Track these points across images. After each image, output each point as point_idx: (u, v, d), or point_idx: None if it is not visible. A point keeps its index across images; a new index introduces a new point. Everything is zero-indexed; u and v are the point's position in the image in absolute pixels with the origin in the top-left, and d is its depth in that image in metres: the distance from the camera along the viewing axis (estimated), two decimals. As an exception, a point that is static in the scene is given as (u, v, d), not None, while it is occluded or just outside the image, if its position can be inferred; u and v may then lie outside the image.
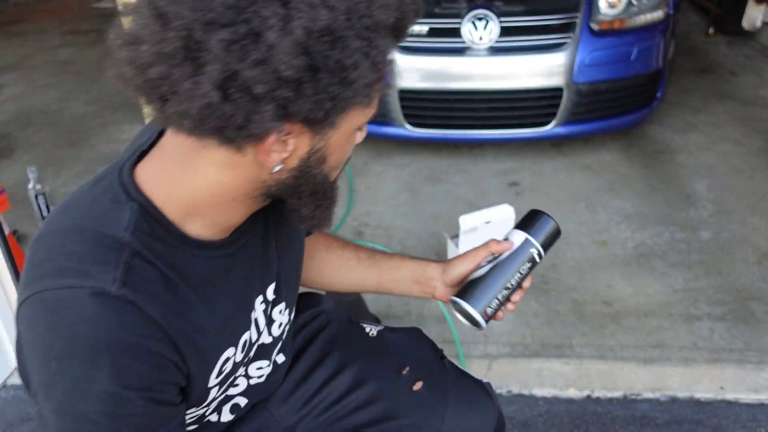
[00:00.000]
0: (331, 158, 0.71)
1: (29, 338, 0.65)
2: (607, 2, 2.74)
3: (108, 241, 0.65)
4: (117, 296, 0.63)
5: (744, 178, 2.77)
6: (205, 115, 0.58)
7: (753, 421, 1.67)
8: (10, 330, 1.89)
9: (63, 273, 0.64)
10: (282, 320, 0.95)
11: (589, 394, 1.77)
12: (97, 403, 0.63)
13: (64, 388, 0.63)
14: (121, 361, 0.63)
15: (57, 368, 0.63)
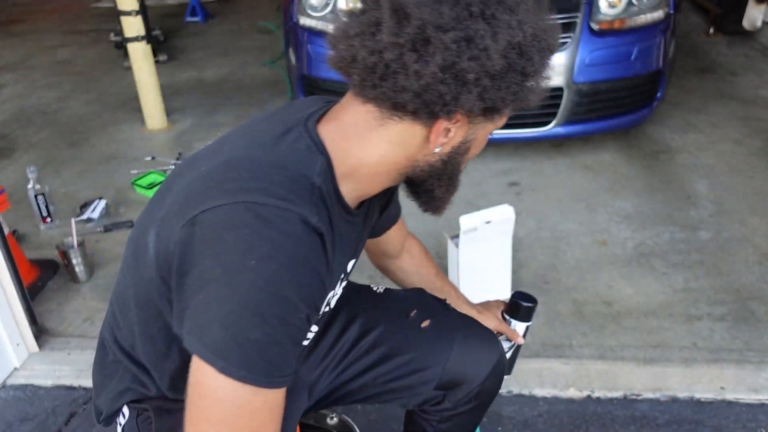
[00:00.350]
0: (472, 151, 0.89)
1: (225, 236, 0.74)
2: (608, 2, 2.74)
3: (305, 182, 0.79)
4: (315, 227, 0.77)
5: (744, 178, 2.77)
6: (423, 90, 0.75)
7: (753, 422, 1.67)
8: (9, 330, 1.89)
9: (273, 195, 0.76)
10: (338, 295, 1.06)
11: (589, 394, 1.77)
12: (277, 305, 0.73)
13: (254, 284, 0.72)
14: (307, 278, 0.75)
15: (255, 267, 0.72)
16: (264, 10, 5.80)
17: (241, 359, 0.71)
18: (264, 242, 0.73)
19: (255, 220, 0.73)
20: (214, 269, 0.73)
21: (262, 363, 0.73)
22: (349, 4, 2.81)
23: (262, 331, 0.72)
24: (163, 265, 0.81)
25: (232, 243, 0.73)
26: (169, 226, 0.80)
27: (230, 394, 0.72)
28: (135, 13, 3.25)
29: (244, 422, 0.74)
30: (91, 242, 2.48)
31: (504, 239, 1.99)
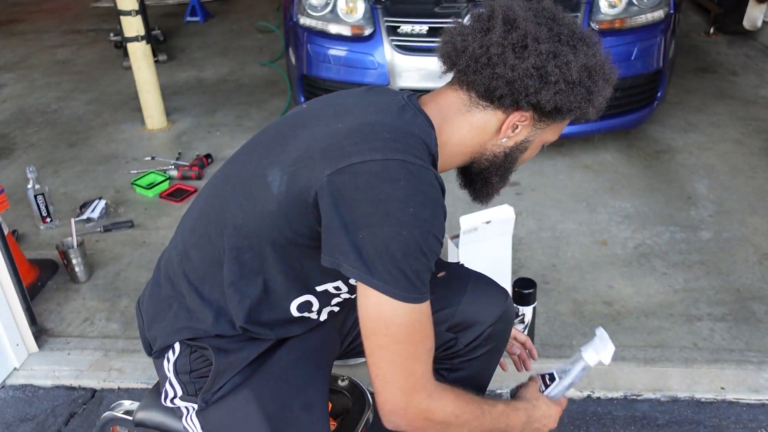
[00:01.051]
0: (528, 153, 1.08)
1: (385, 187, 0.90)
2: (608, 2, 2.73)
3: (426, 149, 0.97)
4: (441, 181, 0.96)
5: (744, 178, 2.77)
6: (514, 80, 0.95)
7: (754, 422, 1.67)
8: (9, 330, 1.89)
9: (415, 155, 0.93)
10: None
11: (590, 394, 1.77)
12: (432, 241, 0.91)
13: (415, 226, 0.89)
14: (442, 220, 0.94)
15: (413, 212, 0.89)
16: (264, 10, 5.80)
17: (409, 285, 0.89)
18: (418, 193, 0.90)
19: (408, 175, 0.91)
20: (377, 213, 0.88)
21: (422, 285, 0.91)
22: (348, 5, 2.81)
23: (421, 262, 0.90)
24: (295, 202, 0.94)
25: (392, 192, 0.89)
26: (310, 170, 0.93)
27: (407, 316, 0.90)
28: (135, 13, 3.25)
29: (420, 335, 0.93)
30: (91, 242, 2.48)
31: (504, 239, 1.99)
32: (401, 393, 0.94)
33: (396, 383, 0.94)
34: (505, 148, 1.05)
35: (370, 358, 0.93)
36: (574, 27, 0.99)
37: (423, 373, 0.95)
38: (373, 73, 2.77)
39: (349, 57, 2.80)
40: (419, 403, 0.94)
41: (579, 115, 1.03)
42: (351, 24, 2.80)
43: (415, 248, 0.89)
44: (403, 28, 2.75)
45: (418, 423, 0.96)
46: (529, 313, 1.80)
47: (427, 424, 0.96)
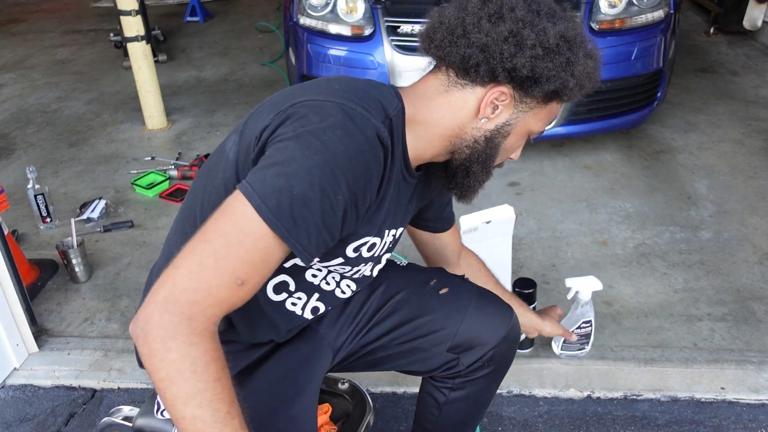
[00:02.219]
0: (510, 141, 1.00)
1: (312, 116, 0.86)
2: (608, 1, 2.73)
3: (381, 108, 0.92)
4: (383, 140, 0.89)
5: (745, 178, 2.77)
6: (489, 44, 0.91)
7: (754, 422, 1.67)
8: (9, 330, 1.89)
9: (359, 104, 0.89)
10: (381, 267, 1.16)
11: (590, 394, 1.77)
12: (327, 178, 0.82)
13: (318, 153, 0.83)
14: (361, 171, 0.86)
15: (326, 141, 0.83)
16: (264, 10, 5.80)
17: (276, 205, 0.81)
18: (342, 130, 0.85)
19: (340, 113, 0.87)
20: (291, 135, 0.85)
21: (290, 217, 0.81)
22: (348, 5, 2.81)
23: (303, 191, 0.81)
24: (245, 158, 0.91)
25: (316, 122, 0.85)
26: (257, 122, 0.92)
27: (246, 224, 0.81)
28: (135, 13, 3.25)
29: (241, 251, 0.81)
30: (91, 242, 2.48)
31: (504, 239, 1.99)
32: (171, 294, 0.78)
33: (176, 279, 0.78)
34: (486, 131, 0.99)
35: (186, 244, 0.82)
36: (552, 5, 0.96)
37: (213, 295, 0.79)
38: (373, 73, 2.77)
39: (349, 57, 2.80)
40: (171, 319, 0.76)
41: (560, 87, 0.95)
42: (351, 24, 2.80)
43: (305, 173, 0.82)
44: (403, 28, 2.75)
45: (149, 339, 0.76)
46: None
47: (155, 349, 0.76)
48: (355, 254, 1.02)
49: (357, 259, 1.04)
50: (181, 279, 0.78)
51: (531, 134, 1.03)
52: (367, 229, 0.99)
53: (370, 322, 1.22)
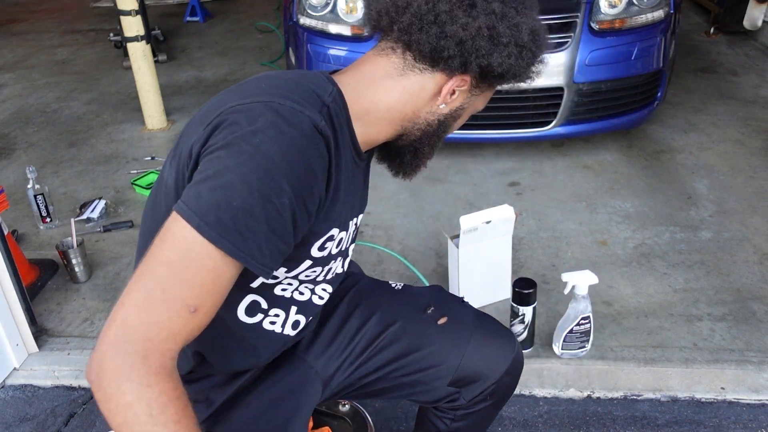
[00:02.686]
0: (458, 122, 1.00)
1: (240, 121, 0.81)
2: (608, 2, 2.73)
3: (316, 98, 0.87)
4: (321, 129, 0.84)
5: (745, 178, 2.77)
6: (466, 39, 0.88)
7: (754, 422, 1.67)
8: (9, 330, 1.89)
9: (289, 98, 0.84)
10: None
11: (590, 394, 1.77)
12: (266, 182, 0.78)
13: (251, 158, 0.78)
14: (301, 168, 0.81)
15: (257, 144, 0.79)
16: (264, 10, 5.80)
17: (216, 221, 0.76)
18: (273, 129, 0.80)
19: (270, 112, 0.82)
20: (221, 144, 0.81)
21: (234, 231, 0.76)
22: (348, 5, 2.81)
23: (243, 200, 0.76)
24: (181, 176, 0.87)
25: (246, 126, 0.80)
26: (188, 139, 0.87)
27: (189, 247, 0.76)
28: (134, 13, 3.24)
29: (187, 277, 0.75)
30: (91, 242, 2.48)
31: (504, 239, 1.99)
32: (121, 333, 0.72)
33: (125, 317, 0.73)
34: (440, 115, 0.96)
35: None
36: None
37: (166, 328, 0.73)
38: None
39: (349, 57, 2.80)
40: (125, 360, 0.71)
41: (518, 80, 0.96)
42: (351, 24, 2.80)
43: (241, 182, 0.77)
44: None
45: (103, 384, 0.71)
46: (529, 313, 1.80)
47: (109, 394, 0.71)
48: (322, 253, 0.97)
49: (326, 258, 0.99)
50: (129, 316, 0.73)
51: (476, 111, 1.02)
52: (327, 225, 0.94)
53: (365, 353, 1.17)
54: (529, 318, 1.81)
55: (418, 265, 2.27)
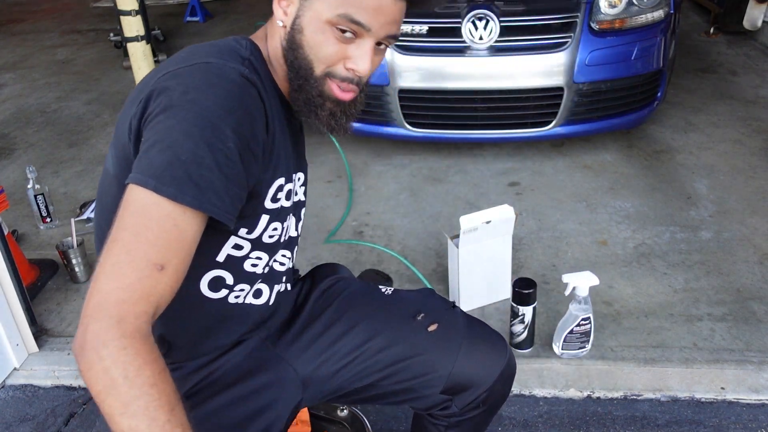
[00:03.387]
0: (308, 36, 0.92)
1: (172, 84, 0.84)
2: (608, 2, 2.73)
3: (234, 54, 0.91)
4: (249, 78, 0.88)
5: (745, 178, 2.77)
6: None
7: (754, 422, 1.67)
8: (9, 330, 1.89)
9: (213, 57, 0.88)
10: (301, 224, 1.14)
11: (590, 394, 1.77)
12: (208, 130, 0.81)
13: (189, 112, 0.81)
14: (239, 112, 0.84)
15: (193, 98, 0.82)
16: (264, 10, 5.79)
17: (171, 177, 0.78)
18: (204, 82, 0.84)
19: (198, 72, 0.85)
20: (159, 110, 0.83)
21: (190, 183, 0.79)
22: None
23: (191, 153, 0.79)
24: (123, 158, 0.90)
25: (178, 88, 0.84)
26: (123, 122, 0.90)
27: (149, 209, 0.78)
28: (135, 13, 3.24)
29: (150, 236, 0.77)
30: (91, 242, 2.48)
31: (504, 239, 1.99)
32: (97, 302, 0.74)
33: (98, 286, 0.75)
34: (286, 35, 0.94)
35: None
36: None
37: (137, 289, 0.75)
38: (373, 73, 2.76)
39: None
40: (101, 326, 0.72)
41: None
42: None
43: (185, 136, 0.80)
44: (403, 28, 2.75)
45: (85, 352, 0.72)
46: (529, 313, 1.80)
47: (90, 361, 0.71)
48: (275, 204, 0.98)
49: (280, 211, 1.00)
50: (102, 284, 0.75)
51: (332, 22, 0.90)
52: (272, 173, 0.96)
53: (350, 356, 1.14)
54: (529, 318, 1.81)
55: (418, 265, 2.27)
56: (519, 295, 1.79)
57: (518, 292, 1.79)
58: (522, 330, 1.83)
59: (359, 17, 0.89)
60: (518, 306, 1.79)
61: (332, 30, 0.90)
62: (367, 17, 0.89)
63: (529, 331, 1.83)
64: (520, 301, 1.79)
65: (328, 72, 0.93)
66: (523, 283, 1.80)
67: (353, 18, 0.88)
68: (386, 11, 0.90)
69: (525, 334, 1.83)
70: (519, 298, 1.79)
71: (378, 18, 0.89)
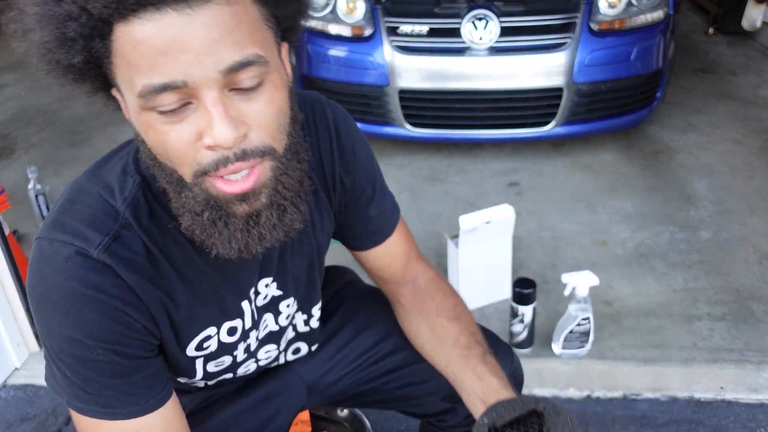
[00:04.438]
0: (147, 138, 0.69)
1: (27, 276, 0.74)
2: (607, 2, 2.74)
3: (108, 209, 0.74)
4: (96, 259, 0.70)
5: (744, 178, 2.77)
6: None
7: (753, 422, 1.67)
8: (10, 330, 1.89)
9: (63, 228, 0.72)
10: (290, 312, 0.98)
11: (589, 394, 1.77)
12: (64, 344, 0.72)
13: (42, 326, 0.73)
14: (87, 313, 0.70)
15: (35, 309, 0.73)
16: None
17: (85, 396, 0.74)
18: (38, 283, 0.72)
19: (38, 259, 0.72)
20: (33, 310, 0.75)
21: (96, 398, 0.74)
22: (348, 5, 2.81)
23: (71, 371, 0.73)
24: None
25: (27, 285, 0.74)
26: None
27: (90, 429, 0.76)
28: (135, 14, 3.25)
29: None
30: (92, 242, 2.48)
31: (504, 239, 2.00)
32: None
33: None
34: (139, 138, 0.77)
35: None
36: None
37: None
38: (373, 73, 2.77)
39: (349, 57, 2.80)
40: None
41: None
42: (351, 24, 2.81)
43: (53, 357, 0.74)
44: (403, 29, 2.75)
45: None
46: (529, 313, 1.81)
47: None
48: (203, 351, 0.86)
49: (216, 352, 0.88)
50: None
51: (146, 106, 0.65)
52: (189, 332, 0.83)
53: (357, 361, 1.12)
54: (529, 318, 1.81)
55: (418, 265, 2.27)
56: (519, 294, 1.79)
57: (518, 292, 1.79)
58: (522, 330, 1.83)
59: (158, 78, 0.60)
60: (518, 306, 1.80)
61: (155, 114, 0.64)
62: (171, 71, 0.60)
63: (528, 331, 1.84)
64: (520, 300, 1.79)
65: (196, 170, 0.66)
66: (523, 282, 1.81)
67: (153, 86, 0.61)
68: (190, 43, 0.59)
69: (525, 333, 1.84)
70: (519, 297, 1.80)
71: (186, 59, 0.60)
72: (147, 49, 0.59)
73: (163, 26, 0.58)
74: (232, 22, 0.61)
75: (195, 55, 0.59)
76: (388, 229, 1.02)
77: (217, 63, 0.60)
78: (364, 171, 0.94)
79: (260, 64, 0.63)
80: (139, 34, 0.59)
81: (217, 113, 0.62)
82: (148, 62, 0.60)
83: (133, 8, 0.58)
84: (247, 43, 0.62)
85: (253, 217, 0.69)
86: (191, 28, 0.59)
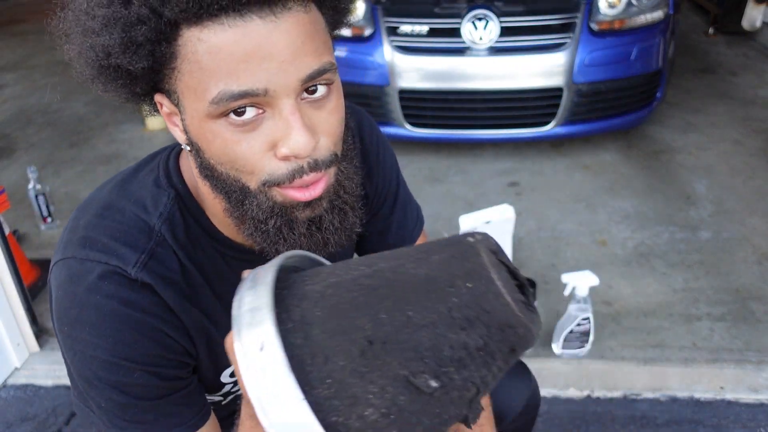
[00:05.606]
0: (207, 148, 0.64)
1: (55, 298, 0.70)
2: (607, 2, 2.74)
3: (141, 225, 0.70)
4: (134, 278, 0.67)
5: (744, 178, 2.77)
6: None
7: (753, 421, 1.67)
8: (10, 330, 1.89)
9: (93, 245, 0.68)
10: None
11: (589, 394, 1.77)
12: (100, 370, 0.67)
13: (75, 352, 0.68)
14: (126, 334, 0.67)
15: (68, 333, 0.68)
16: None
17: (125, 424, 0.71)
18: (72, 304, 0.67)
19: (68, 280, 0.68)
20: (60, 337, 0.71)
21: (136, 425, 0.71)
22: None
23: (106, 400, 0.69)
24: None
25: (55, 308, 0.70)
26: None
27: None
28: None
29: None
30: (92, 242, 2.48)
31: (504, 239, 2.00)
32: None
33: None
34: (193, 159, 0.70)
35: None
36: None
37: None
38: (373, 73, 2.77)
39: (349, 57, 2.81)
40: None
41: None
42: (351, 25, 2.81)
43: (89, 383, 0.69)
44: (403, 29, 2.76)
45: None
46: None
47: None
48: (233, 378, 0.84)
49: None
50: None
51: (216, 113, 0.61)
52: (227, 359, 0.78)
53: None
54: None
55: (418, 265, 2.27)
56: None
57: None
58: None
59: (236, 85, 0.58)
60: None
61: (226, 123, 0.61)
62: (252, 78, 0.58)
63: None
64: None
65: (266, 180, 0.63)
66: None
67: (231, 93, 0.58)
68: (274, 50, 0.58)
69: None
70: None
71: (269, 67, 0.58)
72: (227, 56, 0.57)
73: (246, 33, 0.57)
74: (311, 30, 0.60)
75: (279, 63, 0.58)
76: (407, 242, 0.98)
77: (298, 71, 0.59)
78: (387, 179, 0.91)
79: (332, 72, 0.63)
80: (217, 39, 0.57)
81: (295, 121, 0.60)
82: (228, 69, 0.58)
83: (214, 14, 0.56)
84: (322, 51, 0.61)
85: (315, 222, 0.67)
86: (275, 36, 0.57)
